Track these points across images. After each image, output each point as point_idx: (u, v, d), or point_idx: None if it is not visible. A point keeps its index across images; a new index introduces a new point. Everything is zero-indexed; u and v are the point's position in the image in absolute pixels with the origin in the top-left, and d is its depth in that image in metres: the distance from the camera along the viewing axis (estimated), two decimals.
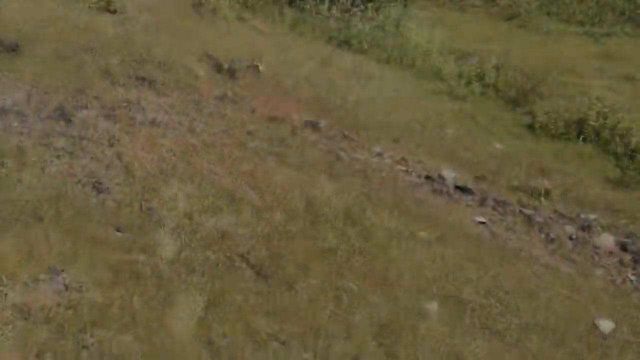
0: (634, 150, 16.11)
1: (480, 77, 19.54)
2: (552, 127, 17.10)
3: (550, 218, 10.27)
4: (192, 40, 13.39)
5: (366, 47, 20.61)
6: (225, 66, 12.00)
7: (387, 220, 7.94)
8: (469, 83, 19.26)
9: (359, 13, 20.74)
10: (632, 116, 17.44)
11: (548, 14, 25.90)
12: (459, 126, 15.40)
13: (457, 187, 10.49)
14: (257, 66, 13.29)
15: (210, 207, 6.53)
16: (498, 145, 14.97)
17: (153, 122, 8.47)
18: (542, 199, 10.93)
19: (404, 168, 10.60)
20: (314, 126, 11.14)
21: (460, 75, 20.07)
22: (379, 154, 10.85)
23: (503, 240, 8.63)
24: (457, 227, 8.47)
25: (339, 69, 16.62)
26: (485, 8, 27.42)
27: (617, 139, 16.55)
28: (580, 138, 16.81)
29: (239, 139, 9.38)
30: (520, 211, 10.16)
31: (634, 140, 16.25)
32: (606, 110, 16.91)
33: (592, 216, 11.19)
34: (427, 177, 10.42)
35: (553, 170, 14.21)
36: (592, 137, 16.81)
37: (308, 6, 20.54)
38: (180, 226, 5.94)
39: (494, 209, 10.07)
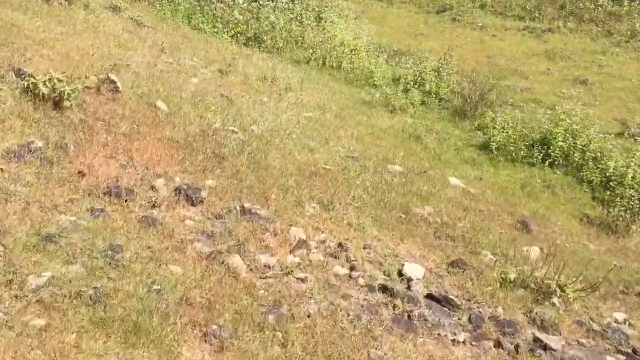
0: (610, 179, 12.02)
1: (419, 83, 14.95)
2: (511, 148, 12.74)
3: (581, 347, 5.80)
4: (8, 42, 7.89)
5: (281, 44, 15.52)
6: (45, 88, 6.64)
7: None
8: (406, 90, 14.60)
9: (271, 2, 15.54)
10: (604, 131, 13.40)
11: (482, 6, 21.60)
12: (406, 155, 10.70)
13: (429, 297, 5.80)
14: (114, 82, 8.01)
15: None
16: (457, 182, 10.40)
17: None
18: (555, 299, 6.40)
19: (344, 270, 5.74)
20: (192, 196, 6.06)
21: (395, 80, 15.43)
22: (302, 243, 5.94)
23: None
24: None
25: (244, 79, 11.46)
26: None
27: (591, 163, 12.42)
28: (547, 162, 12.59)
29: (13, 264, 4.19)
30: (538, 341, 5.62)
31: (611, 165, 12.13)
32: (576, 127, 12.74)
33: (619, 316, 6.88)
34: (384, 288, 5.63)
35: (530, 217, 9.81)
36: (560, 161, 12.62)
37: None
38: None
39: (498, 344, 5.45)
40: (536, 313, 5.99)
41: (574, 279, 6.44)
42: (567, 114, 12.75)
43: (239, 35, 14.84)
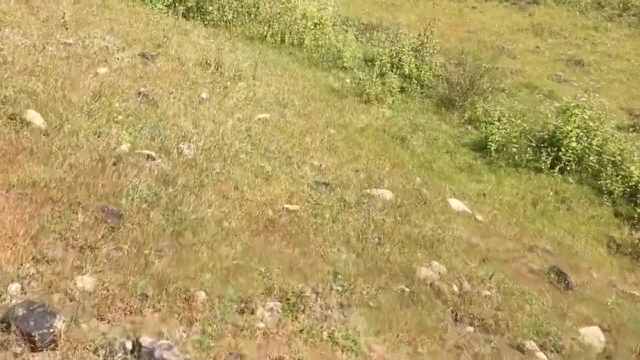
0: (637, 190, 9.41)
1: (397, 65, 11.92)
2: (514, 149, 9.98)
3: None
4: None
5: (230, 16, 12.17)
6: None
7: None
8: (382, 74, 11.58)
9: None
10: (618, 127, 10.77)
11: None
12: (393, 169, 7.76)
13: None
14: None
15: None
16: (459, 205, 7.55)
17: None
18: None
19: None
20: (34, 332, 2.98)
21: (368, 61, 12.36)
22: None
23: None
24: None
25: (178, 66, 8.15)
26: None
27: (609, 168, 9.78)
28: (557, 168, 9.88)
29: None
30: None
31: (635, 172, 9.52)
32: (592, 124, 10.03)
33: None
34: None
35: (558, 257, 7.09)
36: (573, 165, 9.93)
37: None
38: None
39: None
40: None
41: None
42: (580, 107, 9.99)
43: (177, 4, 11.39)
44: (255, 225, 4.98)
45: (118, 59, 7.51)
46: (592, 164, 9.65)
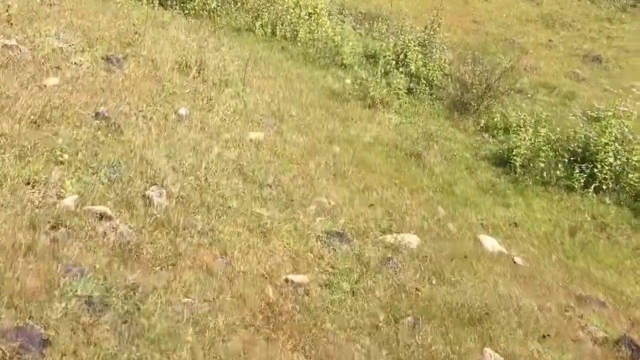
0: None
1: (403, 63, 10.34)
2: (541, 164, 8.52)
3: None
4: None
5: (214, 5, 10.42)
6: None
7: None
8: (386, 73, 10.00)
9: None
10: None
11: None
12: (411, 197, 6.27)
13: None
14: None
15: None
16: (493, 244, 6.10)
17: None
18: None
19: None
20: None
21: (369, 57, 10.76)
22: None
23: None
24: None
25: (151, 70, 6.48)
26: None
27: None
28: (592, 187, 8.45)
29: None
30: None
31: None
32: (630, 136, 8.61)
33: None
34: None
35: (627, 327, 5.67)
36: (610, 184, 8.52)
37: None
38: None
39: None
40: None
41: None
42: (618, 116, 8.55)
43: None
44: (250, 317, 3.46)
45: (75, 64, 5.84)
46: (632, 182, 8.23)
